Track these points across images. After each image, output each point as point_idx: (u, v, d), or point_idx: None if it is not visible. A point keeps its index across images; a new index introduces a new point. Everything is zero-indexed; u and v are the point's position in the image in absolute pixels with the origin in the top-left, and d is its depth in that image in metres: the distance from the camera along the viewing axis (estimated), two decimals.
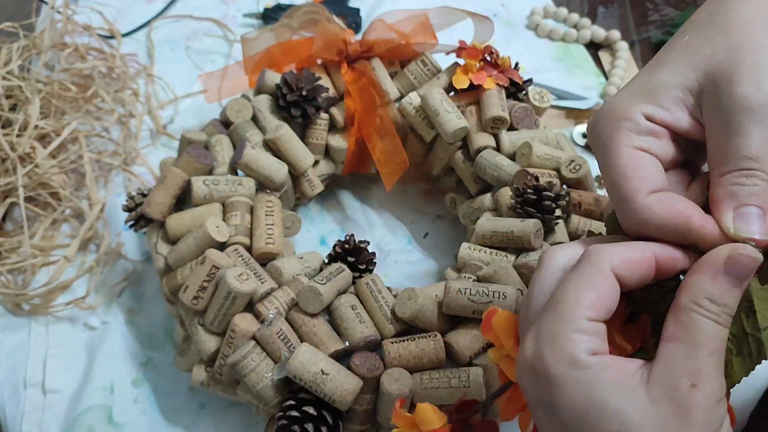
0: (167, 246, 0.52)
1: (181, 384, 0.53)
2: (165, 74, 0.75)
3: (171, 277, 0.50)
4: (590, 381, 0.27)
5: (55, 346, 0.55)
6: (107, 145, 0.68)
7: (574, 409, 0.27)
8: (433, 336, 0.45)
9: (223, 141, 0.56)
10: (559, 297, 0.29)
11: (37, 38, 0.70)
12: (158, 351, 0.55)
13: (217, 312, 0.46)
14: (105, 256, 0.59)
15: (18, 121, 0.61)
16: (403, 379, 0.43)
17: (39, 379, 0.53)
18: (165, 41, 0.79)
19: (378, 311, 0.46)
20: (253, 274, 0.47)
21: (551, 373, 0.27)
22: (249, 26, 0.81)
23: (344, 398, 0.42)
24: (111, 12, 0.80)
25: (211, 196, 0.52)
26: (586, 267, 0.29)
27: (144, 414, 0.52)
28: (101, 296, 0.58)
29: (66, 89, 0.67)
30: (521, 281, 0.48)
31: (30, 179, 0.60)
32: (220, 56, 0.78)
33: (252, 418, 0.51)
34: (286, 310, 0.46)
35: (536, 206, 0.51)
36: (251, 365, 0.44)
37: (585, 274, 0.29)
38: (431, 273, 0.59)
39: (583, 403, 0.27)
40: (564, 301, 0.28)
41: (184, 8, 0.82)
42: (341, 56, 0.60)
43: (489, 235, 0.52)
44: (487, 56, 0.57)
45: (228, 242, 0.50)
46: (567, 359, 0.27)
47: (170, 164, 0.55)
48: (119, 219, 0.61)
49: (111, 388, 0.53)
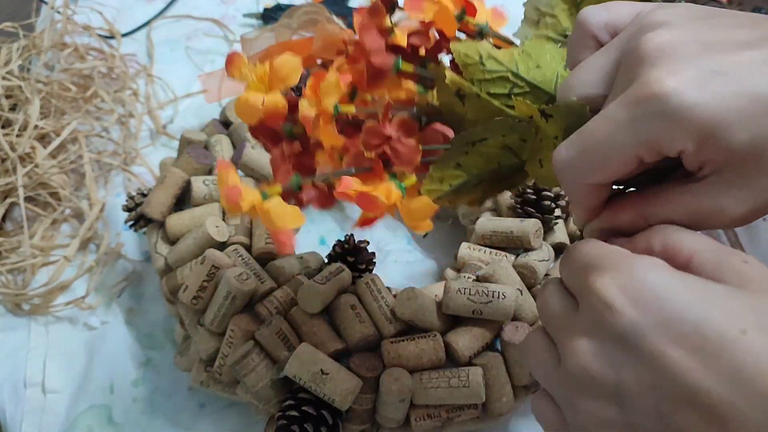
0: (167, 246, 0.52)
1: (181, 384, 0.53)
2: (165, 74, 0.75)
3: (171, 277, 0.50)
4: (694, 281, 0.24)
5: (55, 346, 0.55)
6: (107, 145, 0.68)
7: (691, 306, 0.24)
8: (432, 336, 0.45)
9: (223, 141, 0.56)
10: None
11: (37, 38, 0.70)
12: (158, 351, 0.55)
13: (216, 312, 0.46)
14: (105, 256, 0.59)
15: (18, 121, 0.61)
16: (402, 379, 0.43)
17: (39, 379, 0.53)
18: (165, 41, 0.79)
19: (378, 311, 0.46)
20: (253, 274, 0.47)
21: (655, 284, 0.24)
22: (249, 26, 0.81)
23: (344, 398, 0.42)
24: (111, 12, 0.80)
25: (210, 196, 0.52)
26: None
27: (144, 414, 0.52)
28: (101, 296, 0.58)
29: (66, 89, 0.67)
30: (521, 281, 0.48)
31: (30, 179, 0.60)
32: (220, 56, 0.78)
33: (252, 418, 0.51)
34: (286, 310, 0.46)
35: (536, 206, 0.51)
36: (251, 365, 0.44)
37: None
38: (431, 273, 0.59)
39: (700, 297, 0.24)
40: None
41: (184, 8, 0.82)
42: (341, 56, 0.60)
43: (489, 235, 0.52)
44: None
45: (228, 242, 0.50)
46: (660, 266, 0.25)
47: (170, 164, 0.55)
48: (119, 219, 0.61)
49: (111, 388, 0.53)
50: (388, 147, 0.35)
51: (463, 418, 0.45)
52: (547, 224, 0.51)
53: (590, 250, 0.27)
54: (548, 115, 0.30)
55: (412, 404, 0.44)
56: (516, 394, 0.46)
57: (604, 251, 0.27)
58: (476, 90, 0.33)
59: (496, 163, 0.33)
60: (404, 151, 0.35)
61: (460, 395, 0.43)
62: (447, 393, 0.43)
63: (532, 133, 0.31)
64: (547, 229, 0.52)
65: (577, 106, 0.29)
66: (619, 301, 0.25)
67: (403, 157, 0.35)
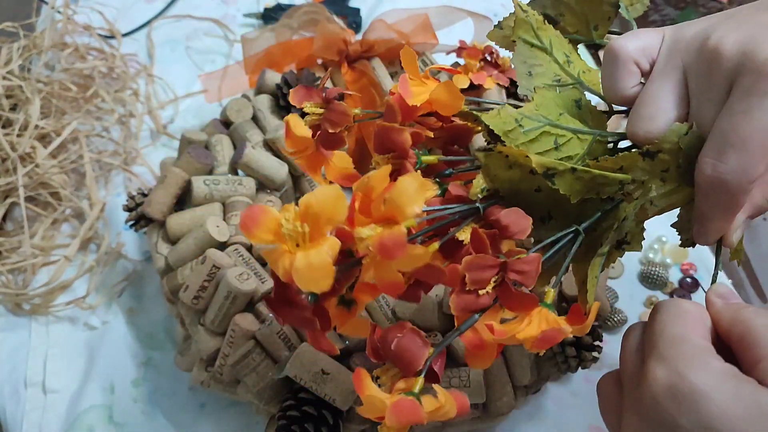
0: (167, 246, 0.52)
1: (181, 384, 0.53)
2: (165, 74, 0.75)
3: (171, 276, 0.50)
4: (752, 390, 0.26)
5: (55, 346, 0.55)
6: (107, 145, 0.68)
7: (730, 418, 0.26)
8: (433, 336, 0.45)
9: (224, 141, 0.56)
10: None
11: (38, 38, 0.70)
12: (158, 351, 0.55)
13: (217, 312, 0.46)
14: (105, 256, 0.59)
15: (18, 121, 0.61)
16: None
17: (39, 378, 0.53)
18: (165, 41, 0.79)
19: (378, 311, 0.46)
20: (254, 273, 0.47)
21: (700, 389, 0.26)
22: (249, 26, 0.81)
23: (345, 398, 0.42)
24: (111, 12, 0.80)
25: (211, 196, 0.52)
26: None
27: (144, 414, 0.52)
28: (101, 296, 0.58)
29: (66, 89, 0.67)
30: None
31: (30, 179, 0.60)
32: (220, 56, 0.78)
33: (252, 418, 0.51)
34: None
35: None
36: (251, 365, 0.44)
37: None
38: None
39: (742, 413, 0.25)
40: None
41: (184, 8, 0.82)
42: (341, 56, 0.60)
43: None
44: (488, 56, 0.57)
45: (228, 242, 0.50)
46: (720, 371, 0.27)
47: (170, 164, 0.55)
48: (119, 219, 0.61)
49: (111, 388, 0.53)
50: (511, 270, 0.29)
51: (463, 417, 0.45)
52: None
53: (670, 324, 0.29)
54: (653, 153, 0.31)
55: None
56: (516, 394, 0.46)
57: (678, 334, 0.28)
58: (568, 165, 0.31)
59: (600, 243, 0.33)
60: (531, 269, 0.29)
61: None
62: None
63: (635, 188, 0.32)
64: None
65: (682, 130, 0.30)
66: (665, 399, 0.27)
67: (532, 274, 0.29)
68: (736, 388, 0.26)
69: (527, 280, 0.29)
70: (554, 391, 0.52)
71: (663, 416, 0.26)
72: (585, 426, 0.51)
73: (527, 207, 0.31)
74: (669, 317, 0.29)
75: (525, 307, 0.30)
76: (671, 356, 0.27)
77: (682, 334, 0.28)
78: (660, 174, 0.31)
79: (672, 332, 0.28)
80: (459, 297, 0.30)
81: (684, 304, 0.30)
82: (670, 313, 0.29)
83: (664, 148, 0.30)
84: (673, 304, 0.30)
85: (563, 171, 0.31)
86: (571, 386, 0.53)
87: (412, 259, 0.28)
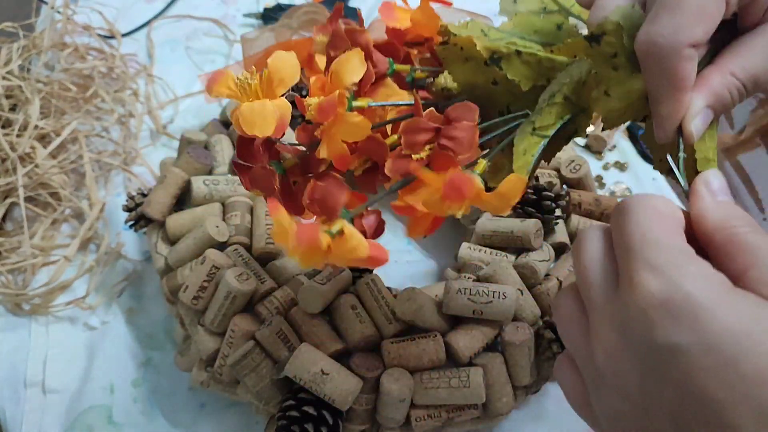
0: (167, 246, 0.52)
1: (181, 384, 0.53)
2: (165, 74, 0.75)
3: (171, 277, 0.50)
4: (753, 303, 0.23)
5: (55, 346, 0.55)
6: (107, 145, 0.68)
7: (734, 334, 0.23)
8: (433, 336, 0.45)
9: (223, 141, 0.56)
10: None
11: (37, 38, 0.70)
12: (158, 351, 0.55)
13: (217, 312, 0.46)
14: (105, 256, 0.59)
15: (18, 121, 0.61)
16: (403, 379, 0.43)
17: (39, 379, 0.53)
18: (165, 41, 0.79)
19: (378, 311, 0.46)
20: (253, 274, 0.47)
21: (701, 303, 0.23)
22: (249, 26, 0.81)
23: (344, 398, 0.42)
24: (111, 12, 0.80)
25: (211, 196, 0.52)
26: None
27: (144, 414, 0.52)
28: (101, 296, 0.58)
29: (66, 89, 0.67)
30: (521, 281, 0.48)
31: (30, 179, 0.60)
32: (220, 56, 0.78)
33: (252, 418, 0.51)
34: (286, 310, 0.46)
35: (536, 206, 0.51)
36: (251, 365, 0.44)
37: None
38: (431, 273, 0.59)
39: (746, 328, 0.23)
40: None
41: (184, 8, 0.82)
42: None
43: (489, 234, 0.52)
44: None
45: (228, 242, 0.50)
46: (718, 282, 0.24)
47: (170, 164, 0.55)
48: (119, 219, 0.61)
49: (111, 388, 0.53)
50: (443, 137, 0.31)
51: (463, 418, 0.45)
52: (548, 224, 0.51)
53: (649, 227, 0.25)
54: (597, 36, 0.30)
55: (413, 404, 0.44)
56: (516, 394, 0.46)
57: (662, 238, 0.25)
58: (513, 48, 0.31)
59: (560, 119, 0.32)
60: (463, 135, 0.30)
61: (460, 395, 0.43)
62: (447, 393, 0.43)
63: (588, 71, 0.30)
64: (548, 230, 0.52)
65: (626, 10, 0.29)
66: (658, 313, 0.24)
67: (465, 141, 0.30)
68: (736, 301, 0.23)
69: (459, 147, 0.30)
70: (554, 392, 0.52)
71: (653, 333, 0.23)
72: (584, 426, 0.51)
73: (487, 102, 0.32)
74: (646, 218, 0.26)
75: (445, 166, 0.30)
76: (663, 265, 0.24)
77: (668, 238, 0.25)
78: (610, 61, 0.30)
79: (657, 236, 0.25)
80: (394, 161, 0.32)
81: (656, 202, 0.26)
82: (646, 213, 0.26)
83: (607, 30, 0.30)
84: (645, 204, 0.26)
85: (508, 54, 0.31)
86: None
87: (351, 128, 0.31)
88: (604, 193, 0.67)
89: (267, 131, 0.32)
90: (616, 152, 0.71)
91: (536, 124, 0.31)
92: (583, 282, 0.27)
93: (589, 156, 0.70)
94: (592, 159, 0.70)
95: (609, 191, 0.67)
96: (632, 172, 0.69)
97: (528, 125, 0.31)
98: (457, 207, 0.29)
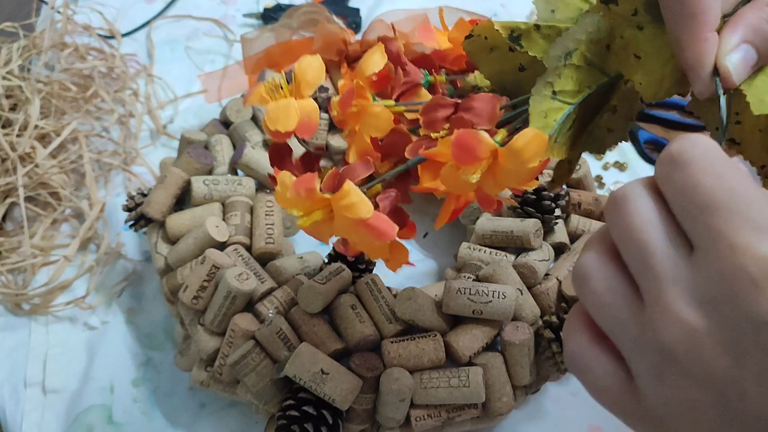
0: (167, 246, 0.52)
1: (181, 384, 0.53)
2: (165, 74, 0.75)
3: (171, 276, 0.50)
4: None
5: (55, 346, 0.55)
6: (107, 145, 0.68)
7: None
8: (432, 336, 0.45)
9: (223, 141, 0.56)
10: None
11: (37, 38, 0.70)
12: (158, 351, 0.55)
13: (217, 312, 0.46)
14: (105, 256, 0.59)
15: (18, 121, 0.61)
16: (402, 378, 0.43)
17: (39, 378, 0.53)
18: (165, 41, 0.79)
19: (378, 311, 0.46)
20: (253, 273, 0.47)
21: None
22: (249, 26, 0.81)
23: (344, 398, 0.42)
24: (111, 12, 0.80)
25: (211, 196, 0.52)
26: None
27: (144, 414, 0.52)
28: (101, 296, 0.58)
29: (66, 89, 0.67)
30: (521, 281, 0.48)
31: (30, 179, 0.60)
32: (220, 56, 0.78)
33: (252, 418, 0.51)
34: (286, 310, 0.46)
35: (536, 206, 0.51)
36: (251, 365, 0.44)
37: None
38: (431, 273, 0.59)
39: None
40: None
41: (184, 8, 0.82)
42: (341, 56, 0.61)
43: (489, 234, 0.52)
44: None
45: (228, 242, 0.50)
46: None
47: (170, 164, 0.55)
48: (119, 219, 0.61)
49: (111, 388, 0.53)
50: (461, 109, 0.30)
51: (463, 417, 0.45)
52: (547, 224, 0.51)
53: (735, 180, 0.21)
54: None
55: (413, 404, 0.44)
56: (516, 393, 0.46)
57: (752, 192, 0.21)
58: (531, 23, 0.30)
59: (587, 87, 0.29)
60: (482, 106, 0.30)
61: (460, 395, 0.43)
62: (447, 393, 0.43)
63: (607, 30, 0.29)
64: (547, 229, 0.52)
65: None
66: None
67: (483, 112, 0.29)
68: None
69: (479, 119, 0.30)
70: (554, 391, 0.52)
71: (761, 307, 0.19)
72: (584, 426, 0.51)
73: (517, 92, 0.31)
74: (725, 170, 0.21)
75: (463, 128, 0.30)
76: (762, 222, 0.20)
77: (758, 192, 0.21)
78: (632, 20, 0.28)
79: (746, 191, 0.21)
80: (414, 143, 0.32)
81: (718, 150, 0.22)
82: (721, 164, 0.21)
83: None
84: (713, 152, 0.22)
85: (528, 30, 0.30)
86: (570, 386, 0.53)
87: (374, 119, 0.33)
88: (603, 193, 0.67)
89: (289, 127, 0.33)
90: (616, 152, 0.71)
91: (555, 87, 0.29)
92: (637, 248, 0.22)
93: (589, 156, 0.70)
94: (591, 159, 0.70)
95: (609, 191, 0.67)
96: (632, 172, 0.69)
97: (545, 86, 0.29)
98: (471, 170, 0.28)
